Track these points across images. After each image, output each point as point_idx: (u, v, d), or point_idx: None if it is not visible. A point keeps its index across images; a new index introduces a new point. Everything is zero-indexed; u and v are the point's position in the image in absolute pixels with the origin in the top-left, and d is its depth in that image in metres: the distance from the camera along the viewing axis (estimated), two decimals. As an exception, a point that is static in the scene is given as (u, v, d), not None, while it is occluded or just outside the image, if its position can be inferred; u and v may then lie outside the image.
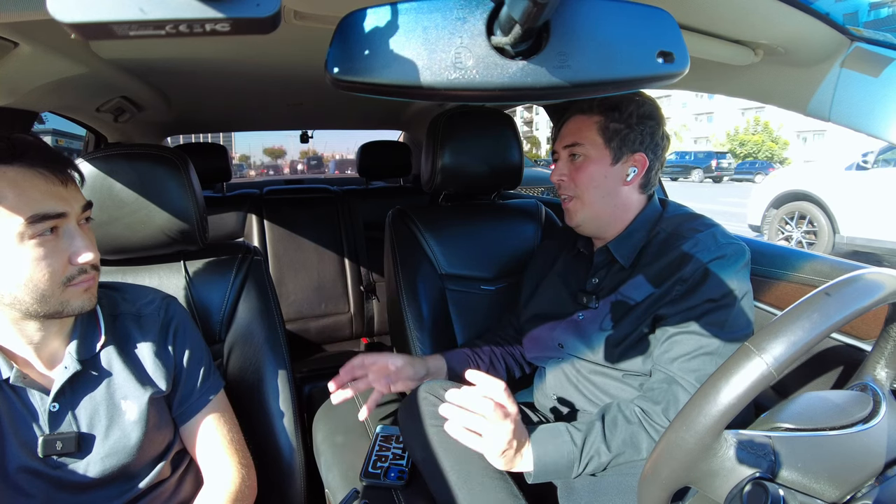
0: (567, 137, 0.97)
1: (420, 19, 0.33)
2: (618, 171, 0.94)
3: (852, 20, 0.66)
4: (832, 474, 0.51)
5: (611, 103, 0.93)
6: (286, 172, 8.75)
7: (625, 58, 0.35)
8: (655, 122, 0.94)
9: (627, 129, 0.92)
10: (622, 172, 0.94)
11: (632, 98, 0.94)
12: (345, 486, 0.99)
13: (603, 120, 0.93)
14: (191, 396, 0.84)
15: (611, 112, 0.93)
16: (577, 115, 0.97)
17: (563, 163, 0.98)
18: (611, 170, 0.94)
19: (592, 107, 0.95)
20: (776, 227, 5.55)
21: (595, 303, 0.96)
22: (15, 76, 0.87)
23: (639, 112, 0.93)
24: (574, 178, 0.95)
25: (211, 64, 1.22)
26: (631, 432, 0.83)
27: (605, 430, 0.83)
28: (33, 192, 0.65)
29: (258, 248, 1.12)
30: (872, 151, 4.85)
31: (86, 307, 0.71)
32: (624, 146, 0.93)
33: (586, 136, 0.94)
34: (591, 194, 0.95)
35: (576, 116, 0.97)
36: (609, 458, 0.82)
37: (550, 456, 0.83)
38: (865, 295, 0.51)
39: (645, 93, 0.96)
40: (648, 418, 0.83)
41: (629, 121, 0.92)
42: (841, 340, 0.93)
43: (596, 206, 0.95)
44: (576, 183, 0.95)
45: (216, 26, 0.27)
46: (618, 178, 0.94)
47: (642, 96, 0.95)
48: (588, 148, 0.94)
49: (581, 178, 0.95)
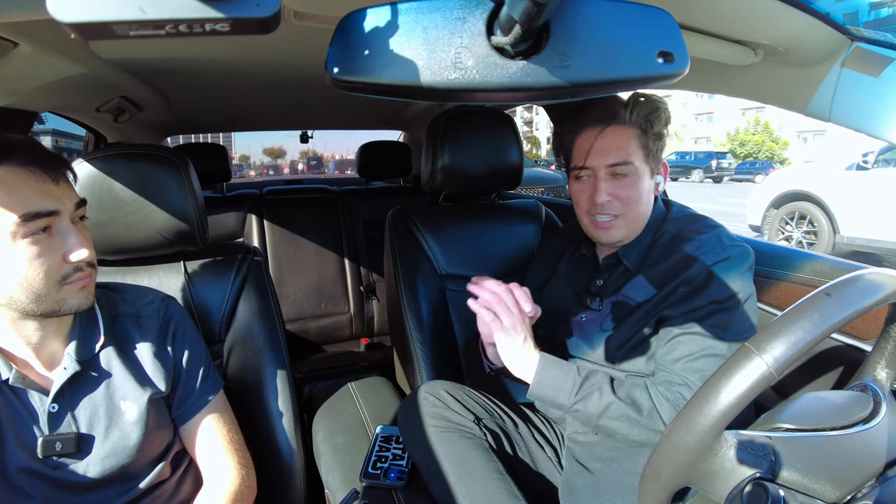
0: (611, 154, 0.89)
1: (420, 19, 0.33)
2: (653, 182, 0.93)
3: (852, 20, 0.66)
4: (832, 475, 0.51)
5: (647, 114, 0.89)
6: (286, 172, 8.74)
7: (625, 58, 0.35)
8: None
9: (657, 138, 0.91)
10: (654, 184, 0.93)
11: (661, 107, 0.91)
12: (345, 487, 0.99)
13: (640, 133, 0.89)
14: (190, 397, 0.84)
15: (647, 123, 0.90)
16: (615, 126, 0.90)
17: (607, 182, 0.90)
18: (650, 182, 0.92)
19: (631, 116, 0.90)
20: (776, 228, 5.55)
21: (599, 304, 0.96)
22: (15, 76, 0.87)
23: (664, 119, 0.91)
24: (622, 197, 0.89)
25: (211, 64, 1.22)
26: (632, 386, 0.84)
27: (613, 382, 0.84)
28: (24, 191, 0.64)
29: (258, 248, 1.12)
30: (872, 151, 4.85)
31: (83, 305, 0.71)
32: (657, 157, 0.92)
33: (632, 153, 0.89)
34: (637, 210, 0.91)
35: (613, 127, 0.90)
36: (609, 400, 0.82)
37: (554, 374, 0.84)
38: (866, 295, 0.51)
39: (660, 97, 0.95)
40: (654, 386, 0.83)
41: (661, 133, 0.91)
42: (841, 341, 0.93)
43: (639, 221, 0.93)
44: (624, 202, 0.89)
45: (216, 26, 0.27)
46: (652, 190, 0.93)
47: (664, 102, 0.92)
48: (636, 164, 0.89)
49: (631, 196, 0.89)
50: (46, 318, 0.70)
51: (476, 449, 0.93)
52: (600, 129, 0.90)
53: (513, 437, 1.03)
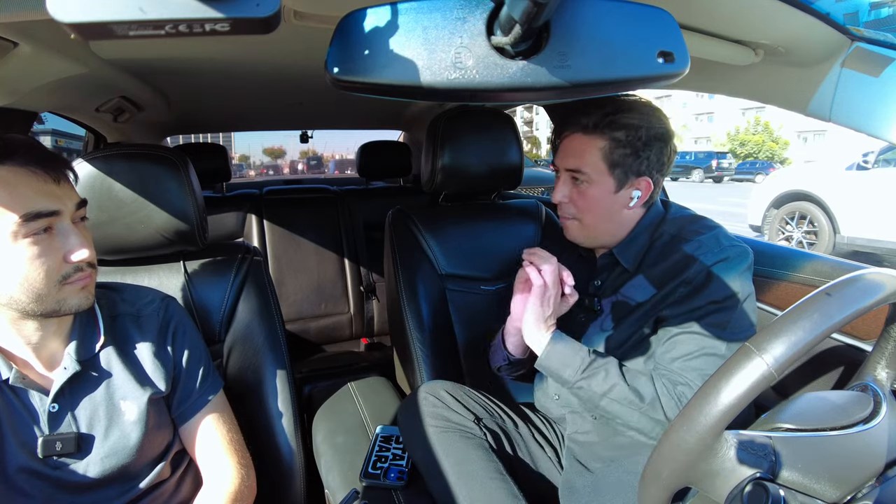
0: (569, 160, 0.91)
1: (420, 19, 0.33)
2: (621, 196, 0.90)
3: (852, 20, 0.66)
4: (833, 475, 0.51)
5: (617, 125, 0.86)
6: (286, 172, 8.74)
7: (625, 58, 0.35)
8: (664, 142, 0.88)
9: (633, 154, 0.87)
10: (625, 197, 0.90)
11: (640, 123, 0.86)
12: (345, 487, 0.99)
13: (607, 145, 0.87)
14: (190, 397, 0.84)
15: (615, 135, 0.86)
16: (578, 134, 0.90)
17: (565, 185, 0.93)
18: (614, 196, 0.90)
19: (597, 126, 0.87)
20: (777, 228, 5.55)
21: (597, 304, 0.96)
22: (15, 76, 0.87)
23: (647, 135, 0.86)
24: (576, 202, 0.92)
25: (211, 64, 1.22)
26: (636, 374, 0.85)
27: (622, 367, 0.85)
28: (26, 191, 0.65)
29: (258, 248, 1.12)
30: (873, 151, 4.85)
31: (83, 305, 0.71)
32: (629, 172, 0.88)
33: (588, 162, 0.88)
34: (592, 218, 0.93)
35: (576, 135, 0.90)
36: (614, 381, 0.83)
37: (565, 349, 0.86)
38: (866, 295, 0.51)
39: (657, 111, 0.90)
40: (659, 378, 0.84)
41: (635, 144, 0.86)
42: (841, 340, 0.93)
43: (597, 228, 0.94)
44: (577, 207, 0.92)
45: (216, 26, 0.27)
46: (620, 204, 0.91)
47: (653, 117, 0.88)
48: (591, 174, 0.89)
49: (584, 202, 0.91)
50: (46, 318, 0.70)
51: (476, 449, 0.93)
52: (569, 133, 0.92)
53: (513, 437, 1.03)
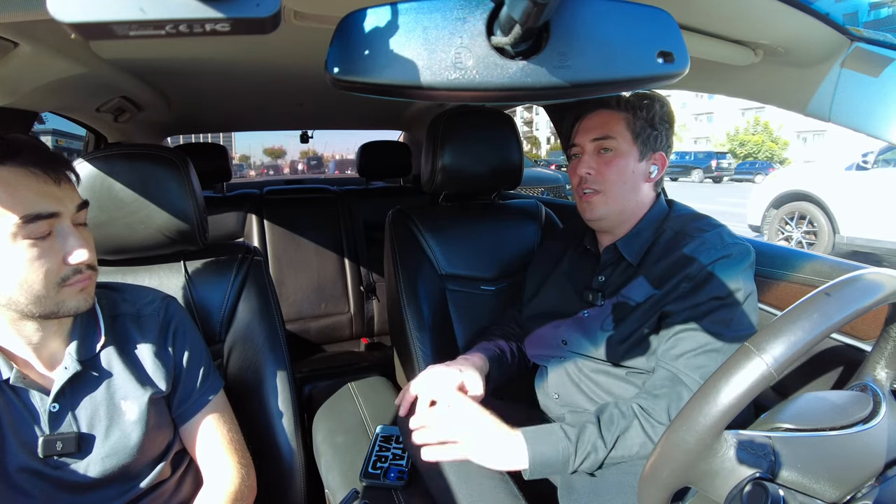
0: (595, 130, 0.96)
1: (420, 19, 0.33)
2: (643, 167, 0.95)
3: (852, 20, 0.66)
4: (832, 474, 0.51)
5: (636, 102, 0.94)
6: (286, 172, 8.72)
7: (625, 58, 0.35)
8: (670, 125, 0.97)
9: (651, 128, 0.94)
10: (646, 169, 0.96)
11: (654, 99, 0.95)
12: (345, 487, 0.99)
13: (630, 117, 0.94)
14: (190, 397, 0.84)
15: (637, 110, 0.94)
16: (602, 110, 0.97)
17: (591, 156, 0.97)
18: (638, 166, 0.95)
19: (620, 103, 0.95)
20: (776, 228, 5.55)
21: (601, 300, 0.96)
22: (15, 76, 0.87)
23: (660, 113, 0.95)
24: (603, 171, 0.95)
25: (211, 64, 1.22)
26: (624, 427, 0.82)
27: (602, 427, 0.82)
28: (26, 192, 0.64)
29: (258, 248, 1.12)
30: (872, 152, 4.85)
31: (82, 307, 0.71)
32: (648, 144, 0.95)
33: (616, 130, 0.94)
34: (618, 189, 0.95)
35: (600, 111, 0.97)
36: (606, 452, 0.81)
37: (545, 451, 0.82)
38: (865, 295, 0.51)
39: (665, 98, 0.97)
40: (647, 414, 0.82)
41: (653, 120, 0.94)
42: (841, 340, 0.93)
43: (620, 201, 0.96)
44: (604, 177, 0.95)
45: (216, 26, 0.27)
46: (642, 175, 0.96)
47: (662, 98, 0.97)
48: (619, 142, 0.94)
49: (610, 171, 0.94)
50: (46, 319, 0.70)
51: (476, 449, 0.93)
52: (593, 111, 0.99)
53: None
